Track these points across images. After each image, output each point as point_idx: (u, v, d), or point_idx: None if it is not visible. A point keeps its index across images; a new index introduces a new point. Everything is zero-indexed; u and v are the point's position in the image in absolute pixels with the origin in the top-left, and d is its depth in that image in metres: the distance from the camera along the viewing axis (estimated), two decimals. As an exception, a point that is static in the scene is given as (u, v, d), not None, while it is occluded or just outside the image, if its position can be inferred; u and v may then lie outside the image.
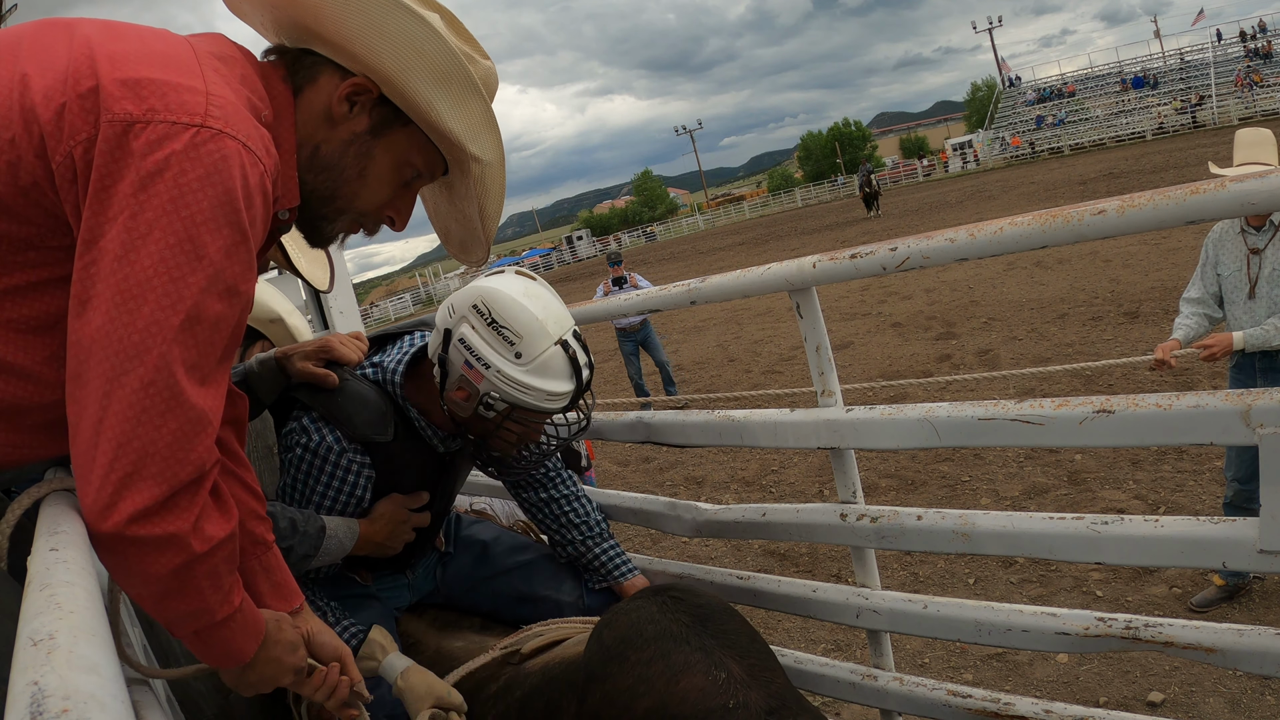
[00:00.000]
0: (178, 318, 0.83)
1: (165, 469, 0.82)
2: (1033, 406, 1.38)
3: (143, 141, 0.83)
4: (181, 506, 0.84)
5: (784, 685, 1.14)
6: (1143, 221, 1.21)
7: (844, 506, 1.74)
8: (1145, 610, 3.47)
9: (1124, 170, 22.33)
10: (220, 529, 0.89)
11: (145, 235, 0.82)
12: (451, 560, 2.00)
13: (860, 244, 1.60)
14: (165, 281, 0.82)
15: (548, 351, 1.52)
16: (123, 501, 0.81)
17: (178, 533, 0.84)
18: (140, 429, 0.81)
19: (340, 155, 1.10)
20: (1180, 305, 3.48)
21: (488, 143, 1.16)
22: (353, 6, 1.04)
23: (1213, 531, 1.26)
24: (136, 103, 0.84)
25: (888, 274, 1.55)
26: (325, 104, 1.08)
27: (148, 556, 0.83)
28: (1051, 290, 9.85)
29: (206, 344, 0.86)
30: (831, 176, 66.47)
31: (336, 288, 2.94)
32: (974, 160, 46.32)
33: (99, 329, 0.81)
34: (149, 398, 0.81)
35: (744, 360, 10.25)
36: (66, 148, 0.83)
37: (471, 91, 1.11)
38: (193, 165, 0.84)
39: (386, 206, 1.18)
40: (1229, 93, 37.54)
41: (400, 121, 1.12)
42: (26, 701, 0.49)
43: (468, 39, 1.18)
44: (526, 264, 59.02)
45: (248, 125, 0.92)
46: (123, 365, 0.81)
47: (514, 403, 1.54)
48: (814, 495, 5.47)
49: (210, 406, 0.87)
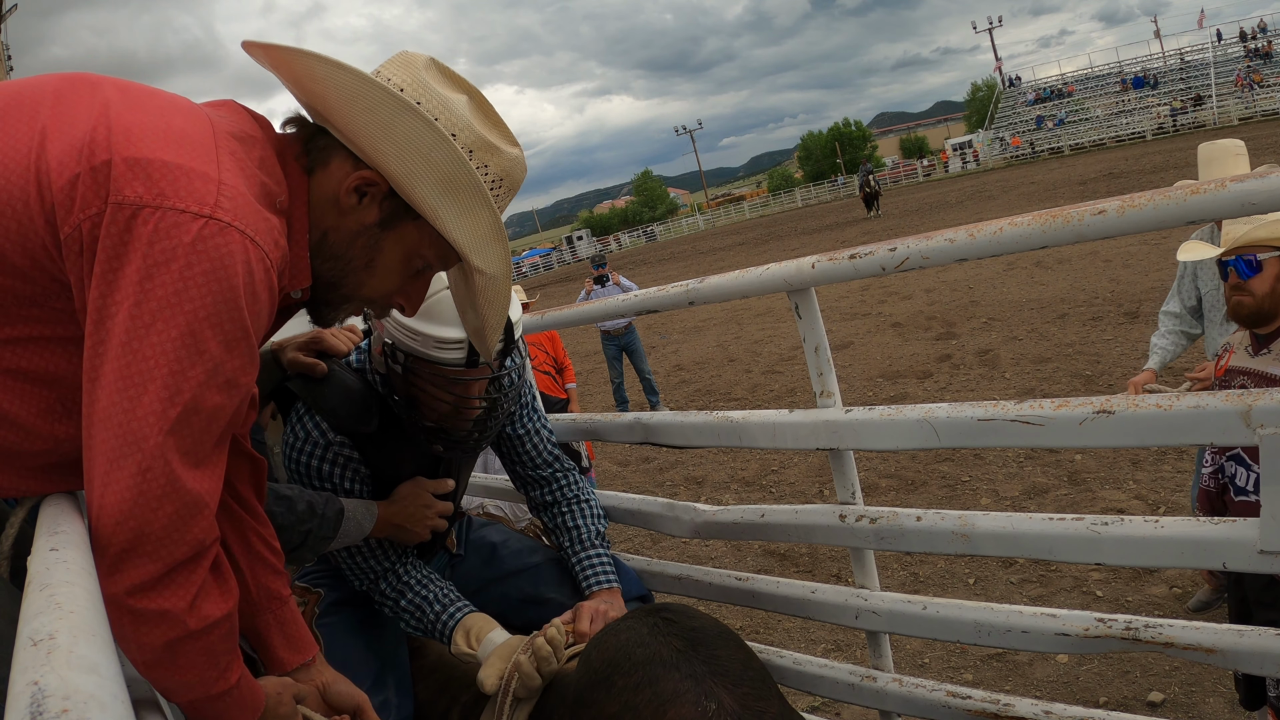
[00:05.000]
0: (175, 410, 0.84)
1: (161, 549, 0.84)
2: (1032, 407, 1.38)
3: (150, 229, 0.83)
4: (178, 583, 0.86)
5: (777, 715, 1.09)
6: (1143, 221, 1.21)
7: (843, 507, 1.74)
8: (1145, 610, 3.47)
9: (1124, 170, 22.32)
10: (218, 608, 0.90)
11: (149, 325, 0.82)
12: (461, 562, 2.00)
13: (860, 244, 1.59)
14: (165, 374, 0.83)
15: (436, 295, 1.45)
16: (121, 573, 0.83)
17: (171, 610, 0.85)
18: (137, 510, 0.82)
19: (348, 245, 1.07)
20: (1160, 318, 3.40)
21: (492, 256, 1.12)
22: (360, 104, 1.01)
23: (1213, 532, 1.26)
24: (147, 185, 0.84)
25: (887, 274, 1.55)
26: (335, 191, 1.05)
27: (141, 627, 0.85)
28: (1051, 290, 9.85)
29: (203, 433, 0.87)
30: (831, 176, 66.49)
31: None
32: (974, 160, 46.31)
33: (104, 409, 0.83)
34: (146, 483, 0.83)
35: (744, 360, 10.24)
36: (76, 220, 0.83)
37: (479, 203, 1.07)
38: (199, 259, 0.84)
39: (396, 294, 1.15)
40: (1229, 93, 37.54)
41: (410, 216, 1.07)
42: (26, 701, 0.49)
43: (495, 123, 1.13)
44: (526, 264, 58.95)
45: (257, 219, 0.90)
46: (122, 450, 0.82)
47: (407, 350, 1.49)
48: (814, 495, 5.47)
49: (207, 489, 0.88)
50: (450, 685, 1.66)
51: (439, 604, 1.70)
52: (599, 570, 1.83)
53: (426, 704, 1.69)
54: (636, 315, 2.20)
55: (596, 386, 10.77)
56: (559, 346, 6.40)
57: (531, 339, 5.94)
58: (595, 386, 10.81)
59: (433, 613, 1.69)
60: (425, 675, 1.75)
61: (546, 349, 6.24)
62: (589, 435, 2.26)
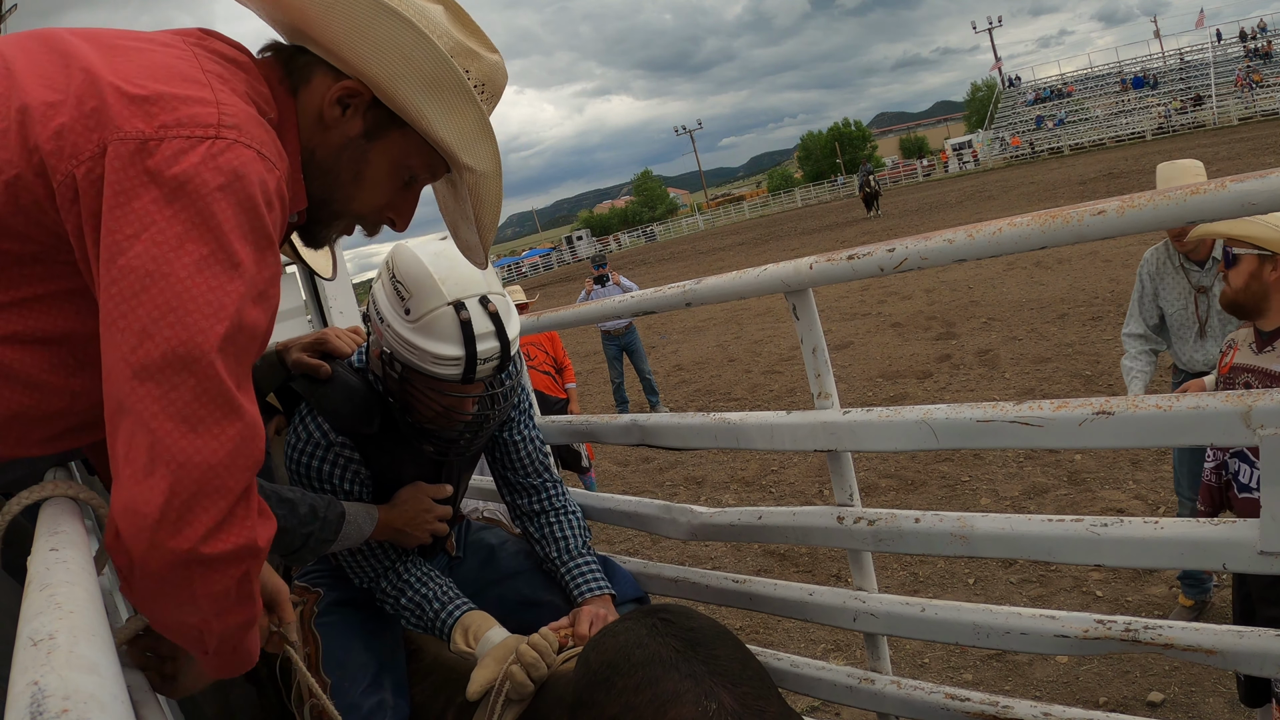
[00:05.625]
0: (222, 326, 0.81)
1: (228, 480, 0.80)
2: (1032, 408, 1.38)
3: (159, 158, 0.82)
4: (240, 515, 0.83)
5: (777, 714, 1.10)
6: (1143, 221, 1.21)
7: (841, 509, 1.74)
8: (1145, 610, 3.47)
9: (1124, 170, 22.32)
10: (270, 528, 0.88)
11: (178, 249, 0.80)
12: (460, 565, 2.00)
13: (859, 244, 1.59)
14: (205, 292, 0.81)
15: (436, 311, 1.44)
16: (190, 524, 0.78)
17: (248, 541, 0.82)
18: (200, 441, 0.79)
19: (335, 159, 1.07)
20: (1124, 342, 3.39)
21: (482, 152, 1.11)
22: (336, 10, 1.00)
23: (1213, 533, 1.26)
24: (147, 120, 0.83)
25: (885, 275, 1.55)
26: (318, 107, 1.05)
27: (215, 573, 0.81)
28: (1051, 290, 9.86)
29: (245, 352, 0.85)
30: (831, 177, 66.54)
31: (336, 288, 2.94)
32: (973, 160, 46.32)
33: (134, 349, 0.78)
34: (204, 408, 0.79)
35: (744, 360, 10.25)
36: (68, 167, 0.82)
37: (464, 99, 1.07)
38: (213, 176, 0.83)
39: (386, 209, 1.15)
40: (1229, 93, 37.55)
41: (396, 124, 1.07)
42: (26, 701, 0.49)
43: (473, 31, 1.12)
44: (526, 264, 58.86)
45: (260, 131, 0.90)
46: (172, 380, 0.78)
47: (404, 362, 1.48)
48: (814, 495, 5.47)
49: (256, 411, 0.85)
50: (446, 687, 1.67)
51: (439, 601, 1.70)
52: (591, 577, 1.82)
53: (422, 705, 1.69)
54: (635, 316, 2.20)
55: (596, 386, 10.78)
56: (558, 346, 6.40)
57: (531, 339, 5.94)
58: (595, 386, 10.81)
59: (432, 610, 1.69)
60: (422, 677, 1.75)
61: (546, 349, 6.24)
62: (586, 437, 2.26)
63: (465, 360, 1.45)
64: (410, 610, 1.72)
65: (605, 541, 5.27)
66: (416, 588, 1.73)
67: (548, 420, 2.34)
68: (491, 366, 1.49)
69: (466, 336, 1.44)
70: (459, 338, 1.45)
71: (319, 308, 2.97)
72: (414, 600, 1.72)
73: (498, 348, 1.47)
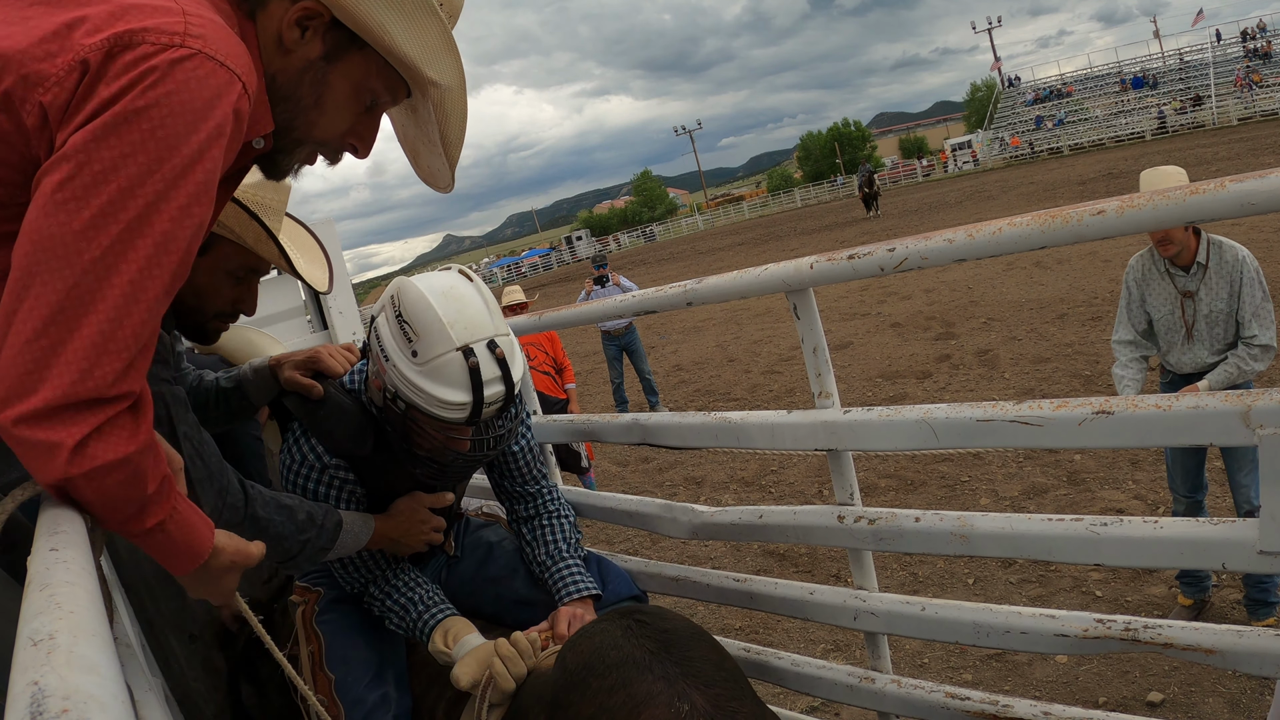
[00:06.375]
0: (175, 205, 0.84)
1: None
2: (1031, 408, 1.38)
3: (121, 62, 0.83)
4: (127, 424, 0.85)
5: (749, 715, 1.10)
6: (1142, 222, 1.21)
7: (841, 508, 1.74)
8: (1145, 610, 3.47)
9: (1124, 170, 22.31)
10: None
11: (130, 155, 0.82)
12: (458, 562, 2.00)
13: (859, 244, 1.59)
14: (157, 185, 0.83)
15: (444, 356, 1.43)
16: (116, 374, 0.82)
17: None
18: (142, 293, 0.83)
19: (295, 84, 1.06)
20: (1114, 349, 3.42)
21: (445, 65, 1.10)
22: None
23: (1212, 533, 1.26)
24: (114, 28, 0.84)
25: (885, 275, 1.55)
26: (277, 30, 1.04)
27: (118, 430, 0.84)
28: (1051, 290, 9.86)
29: (186, 252, 0.87)
30: (831, 177, 66.53)
31: (336, 288, 2.93)
32: (973, 160, 46.33)
33: (90, 224, 0.80)
34: (153, 274, 0.83)
35: (743, 360, 10.25)
36: (35, 97, 0.83)
37: (425, 11, 1.06)
38: (170, 82, 0.84)
39: (348, 134, 1.14)
40: (1229, 93, 37.56)
41: (356, 45, 1.06)
42: (26, 701, 0.49)
43: None
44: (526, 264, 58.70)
45: (227, 43, 0.90)
46: (130, 244, 0.82)
47: (408, 402, 1.48)
48: (814, 495, 5.47)
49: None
50: (439, 680, 1.68)
51: (422, 605, 1.72)
52: (573, 579, 1.82)
53: (418, 698, 1.72)
54: (635, 316, 2.20)
55: (596, 386, 10.78)
56: (558, 347, 6.40)
57: (531, 339, 5.94)
58: (595, 386, 10.81)
59: (415, 613, 1.71)
60: (418, 670, 1.77)
61: (546, 349, 6.24)
62: (588, 436, 2.26)
63: (472, 406, 1.44)
64: (395, 613, 1.74)
65: (605, 541, 5.28)
66: (404, 591, 1.75)
67: (548, 420, 2.34)
68: (496, 409, 1.49)
69: (475, 383, 1.43)
70: (467, 384, 1.43)
71: (319, 308, 2.97)
72: (399, 603, 1.73)
73: (503, 392, 1.47)
